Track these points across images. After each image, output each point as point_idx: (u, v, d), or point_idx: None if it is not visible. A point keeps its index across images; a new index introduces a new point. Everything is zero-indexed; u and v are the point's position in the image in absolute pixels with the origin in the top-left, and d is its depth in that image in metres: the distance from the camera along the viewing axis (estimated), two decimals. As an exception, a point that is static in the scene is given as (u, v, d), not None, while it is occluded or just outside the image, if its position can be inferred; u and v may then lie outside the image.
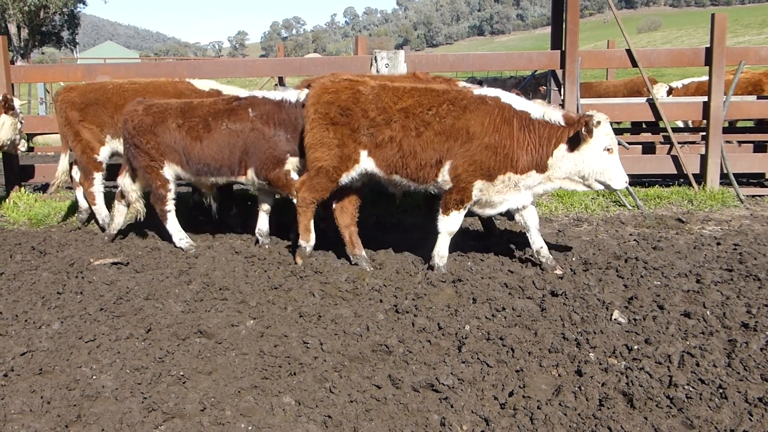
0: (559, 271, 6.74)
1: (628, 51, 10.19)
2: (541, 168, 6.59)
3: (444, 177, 6.68)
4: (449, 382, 4.56)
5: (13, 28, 47.31)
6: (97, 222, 9.05)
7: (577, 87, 10.08)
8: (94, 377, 4.73)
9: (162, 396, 4.46)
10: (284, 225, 8.35)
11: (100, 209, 8.93)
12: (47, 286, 6.55)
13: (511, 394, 4.45)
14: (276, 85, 15.23)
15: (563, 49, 10.13)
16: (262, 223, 8.04)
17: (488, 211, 6.93)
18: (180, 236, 7.99)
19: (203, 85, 8.99)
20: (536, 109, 6.63)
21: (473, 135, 6.51)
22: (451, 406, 4.34)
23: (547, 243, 7.03)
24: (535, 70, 11.38)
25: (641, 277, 6.50)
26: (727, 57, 10.15)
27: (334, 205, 7.30)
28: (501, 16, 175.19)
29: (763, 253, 7.15)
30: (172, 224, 7.99)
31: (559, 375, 4.69)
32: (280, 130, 7.50)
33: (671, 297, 5.93)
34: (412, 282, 6.55)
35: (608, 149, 6.44)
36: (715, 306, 5.69)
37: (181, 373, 4.79)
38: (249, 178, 7.72)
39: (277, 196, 8.23)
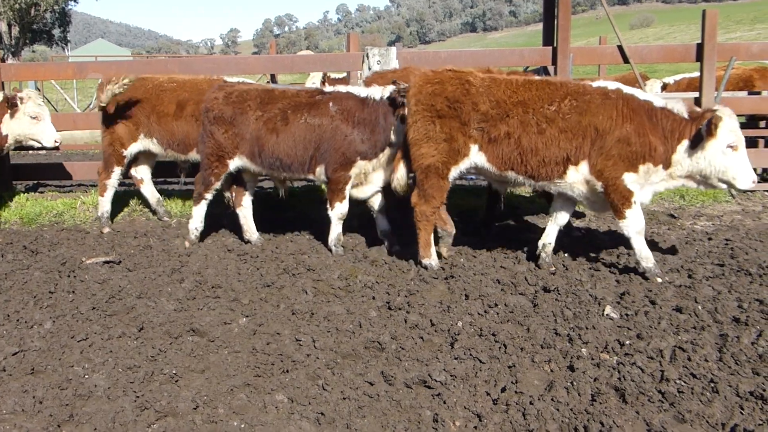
0: (659, 279, 6.35)
1: (620, 47, 10.20)
2: (666, 163, 6.32)
3: (577, 177, 6.43)
4: (442, 378, 4.57)
5: (3, 26, 47.07)
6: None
7: (569, 83, 10.07)
8: (86, 376, 4.72)
9: (154, 395, 4.46)
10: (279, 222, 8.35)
11: (105, 203, 8.90)
12: (39, 285, 6.53)
13: (503, 390, 4.46)
14: (268, 82, 15.20)
15: (555, 45, 10.13)
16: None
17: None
18: (197, 225, 7.90)
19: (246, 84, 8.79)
20: (658, 99, 6.39)
21: (604, 131, 6.26)
22: (444, 402, 4.35)
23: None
24: (527, 67, 11.38)
25: (633, 272, 6.51)
26: (718, 53, 10.16)
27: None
28: (494, 12, 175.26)
29: (754, 248, 7.17)
30: (200, 210, 7.89)
31: (551, 370, 4.71)
32: (358, 129, 7.28)
33: (663, 292, 5.95)
34: (404, 278, 6.55)
35: (732, 146, 6.12)
36: (706, 301, 5.71)
37: (174, 372, 4.78)
38: (317, 176, 7.52)
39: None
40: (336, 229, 7.54)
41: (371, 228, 7.93)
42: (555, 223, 6.90)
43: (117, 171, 8.82)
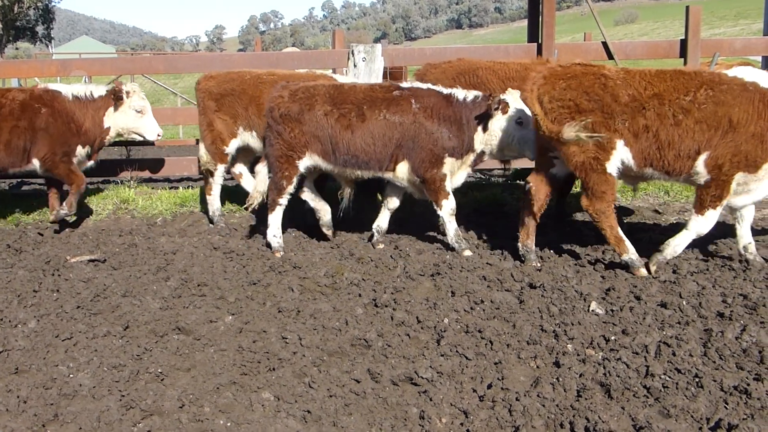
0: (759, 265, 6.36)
1: (605, 43, 10.23)
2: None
3: (697, 169, 6.21)
4: (428, 375, 4.58)
5: (-13, 23, 46.75)
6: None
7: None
8: (71, 376, 4.70)
9: (140, 393, 4.44)
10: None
11: (214, 201, 8.78)
12: (23, 284, 6.49)
13: (489, 387, 4.47)
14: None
15: (540, 41, 10.15)
16: (383, 220, 7.74)
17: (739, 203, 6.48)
18: (275, 233, 7.58)
19: (345, 80, 8.58)
20: None
21: (737, 123, 6.01)
22: (430, 399, 4.36)
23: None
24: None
25: (618, 268, 6.54)
26: (701, 49, 10.21)
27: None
28: (479, 9, 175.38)
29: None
30: (276, 217, 7.58)
31: (537, 367, 4.72)
32: (444, 126, 7.14)
33: (648, 287, 5.98)
34: (391, 276, 6.55)
35: None
36: (691, 296, 5.74)
37: (159, 371, 4.77)
38: (398, 174, 7.28)
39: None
40: (452, 226, 7.30)
41: (366, 226, 7.93)
42: (746, 222, 6.73)
43: (221, 168, 8.68)
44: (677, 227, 7.29)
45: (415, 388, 4.53)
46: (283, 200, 7.53)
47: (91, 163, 8.99)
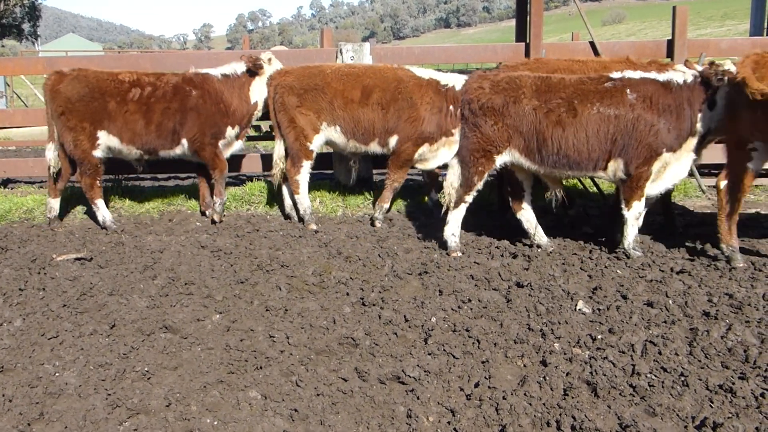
0: None
1: (592, 43, 10.26)
2: None
3: None
4: (415, 374, 4.58)
5: (-28, 21, 46.46)
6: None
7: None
8: (57, 374, 4.68)
9: (126, 392, 4.43)
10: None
11: (303, 199, 8.60)
12: (8, 282, 6.45)
13: (476, 385, 4.48)
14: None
15: (528, 41, 10.16)
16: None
17: None
18: (454, 231, 7.22)
19: (423, 73, 8.51)
20: None
21: None
22: (418, 398, 4.36)
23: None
24: (500, 63, 11.42)
25: (605, 267, 6.57)
26: (688, 49, 10.26)
27: None
28: (467, 8, 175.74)
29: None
30: (459, 215, 7.26)
31: (524, 365, 4.73)
32: (664, 117, 6.57)
33: (634, 287, 6.01)
34: (378, 274, 6.55)
35: None
36: (677, 295, 5.77)
37: (146, 369, 4.75)
38: (609, 173, 6.80)
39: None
40: (633, 231, 6.91)
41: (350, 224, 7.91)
42: None
43: (307, 165, 8.52)
44: None
45: (402, 386, 4.54)
46: (470, 197, 7.22)
47: (239, 143, 8.98)
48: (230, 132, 8.70)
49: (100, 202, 8.51)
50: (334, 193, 9.57)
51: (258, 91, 8.77)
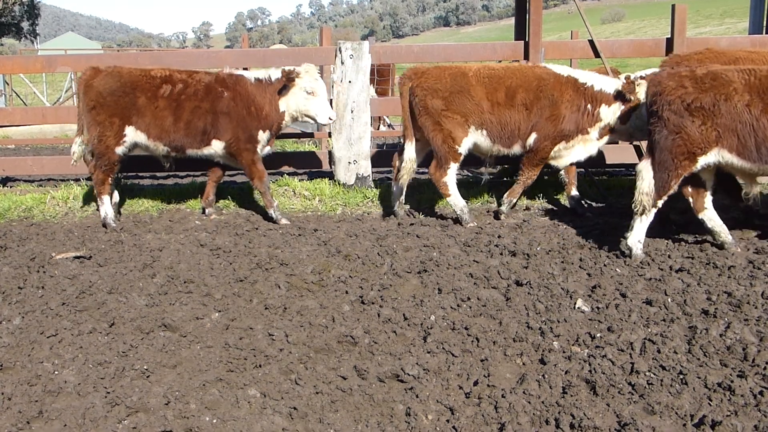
0: None
1: (591, 42, 10.26)
2: None
3: None
4: (414, 372, 4.59)
5: (-29, 19, 46.40)
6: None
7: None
8: (56, 372, 4.68)
9: (125, 390, 4.43)
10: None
11: (456, 200, 8.40)
12: (8, 280, 6.45)
13: (475, 384, 4.49)
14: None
15: (527, 39, 10.17)
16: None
17: None
18: (640, 238, 6.88)
19: (562, 70, 8.38)
20: None
21: None
22: (417, 396, 4.37)
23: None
24: (499, 61, 11.43)
25: (604, 265, 6.58)
26: (687, 47, 10.26)
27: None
28: (467, 7, 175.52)
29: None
30: (647, 222, 6.88)
31: (523, 364, 4.74)
32: None
33: (633, 285, 6.01)
34: (377, 273, 6.56)
35: None
36: (676, 293, 5.77)
37: (145, 367, 4.76)
38: None
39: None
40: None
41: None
42: None
43: (454, 167, 8.35)
44: None
45: (401, 384, 4.54)
46: (662, 202, 6.85)
47: (268, 149, 8.90)
48: (262, 136, 8.62)
49: (106, 199, 8.51)
50: (334, 191, 9.57)
51: (285, 101, 8.62)
